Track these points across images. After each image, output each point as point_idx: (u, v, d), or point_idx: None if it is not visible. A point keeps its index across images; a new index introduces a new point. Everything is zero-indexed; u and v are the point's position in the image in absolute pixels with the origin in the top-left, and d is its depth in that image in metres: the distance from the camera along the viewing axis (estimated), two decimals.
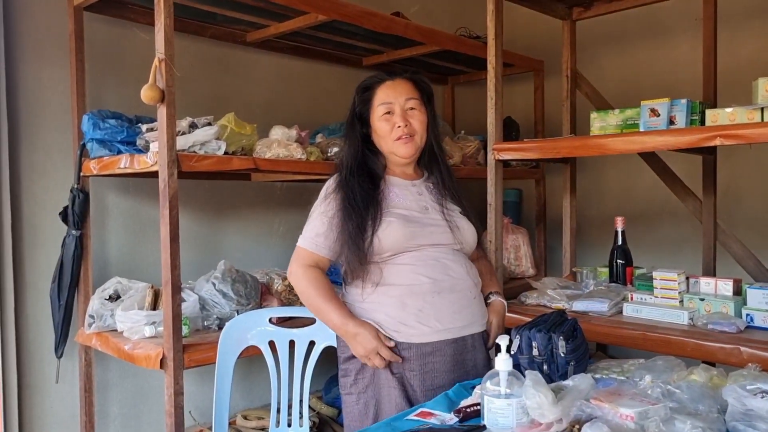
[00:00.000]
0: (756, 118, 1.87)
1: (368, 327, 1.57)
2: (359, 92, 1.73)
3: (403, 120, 1.66)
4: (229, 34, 2.82)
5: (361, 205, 1.61)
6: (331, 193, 1.66)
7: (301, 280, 1.65)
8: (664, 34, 3.44)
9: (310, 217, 1.68)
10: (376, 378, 1.60)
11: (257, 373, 2.92)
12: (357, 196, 1.62)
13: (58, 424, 2.40)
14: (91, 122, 2.17)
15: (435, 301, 1.60)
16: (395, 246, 1.60)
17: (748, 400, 1.12)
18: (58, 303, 2.29)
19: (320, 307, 1.63)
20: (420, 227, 1.63)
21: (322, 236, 1.63)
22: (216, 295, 2.26)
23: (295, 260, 1.67)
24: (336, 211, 1.63)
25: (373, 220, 1.60)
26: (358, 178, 1.65)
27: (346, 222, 1.60)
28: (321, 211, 1.66)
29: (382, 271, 1.61)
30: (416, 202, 1.68)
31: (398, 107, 1.67)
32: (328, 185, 1.70)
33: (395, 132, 1.66)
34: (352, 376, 1.64)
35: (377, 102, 1.68)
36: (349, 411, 1.65)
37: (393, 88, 1.69)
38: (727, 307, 2.00)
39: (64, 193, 2.33)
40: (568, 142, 2.29)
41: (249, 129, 2.28)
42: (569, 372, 1.40)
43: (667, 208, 3.35)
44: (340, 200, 1.64)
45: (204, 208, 2.83)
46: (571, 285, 2.48)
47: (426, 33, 2.84)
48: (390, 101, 1.67)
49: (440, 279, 1.61)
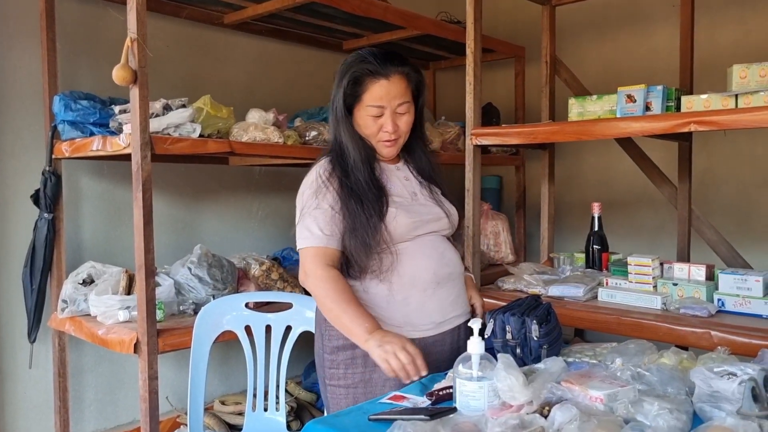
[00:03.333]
0: (730, 105, 1.88)
1: (393, 335, 1.44)
2: (350, 81, 1.56)
3: (392, 124, 1.57)
4: (206, 15, 2.78)
5: (369, 192, 1.53)
6: (326, 182, 1.55)
7: (323, 283, 1.49)
8: (644, 21, 3.45)
9: (305, 212, 1.54)
10: (371, 372, 1.54)
11: (235, 358, 2.91)
12: (362, 182, 1.54)
13: (31, 409, 2.38)
14: (63, 103, 2.13)
15: (436, 293, 1.57)
16: (401, 235, 1.54)
17: (715, 381, 1.13)
18: (30, 287, 2.26)
19: (343, 314, 1.47)
20: (417, 216, 1.58)
21: (328, 228, 1.52)
22: (192, 279, 2.24)
23: (308, 262, 1.52)
24: (338, 199, 1.53)
25: (380, 208, 1.52)
26: (360, 164, 1.56)
27: (353, 211, 1.51)
28: (318, 201, 1.53)
29: (383, 262, 1.53)
30: (404, 188, 1.63)
31: (389, 110, 1.57)
32: (319, 174, 1.57)
33: (381, 135, 1.59)
34: (341, 369, 1.57)
35: (368, 100, 1.56)
36: (336, 404, 1.58)
37: (387, 89, 1.55)
38: (699, 292, 2.03)
39: (35, 176, 2.29)
40: (546, 128, 2.29)
41: (225, 112, 2.25)
42: (542, 355, 1.41)
43: (645, 196, 3.38)
44: (340, 188, 1.54)
45: (181, 192, 2.80)
46: (548, 270, 2.50)
47: (406, 17, 2.82)
48: (382, 104, 1.56)
49: (439, 269, 1.58)
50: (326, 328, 1.60)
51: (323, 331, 1.61)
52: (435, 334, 1.58)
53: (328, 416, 1.28)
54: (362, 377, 1.55)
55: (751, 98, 1.84)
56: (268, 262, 2.49)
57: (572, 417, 1.05)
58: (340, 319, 1.49)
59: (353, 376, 1.56)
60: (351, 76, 1.56)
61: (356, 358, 1.55)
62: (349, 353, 1.55)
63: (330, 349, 1.59)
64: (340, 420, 1.23)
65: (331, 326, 1.57)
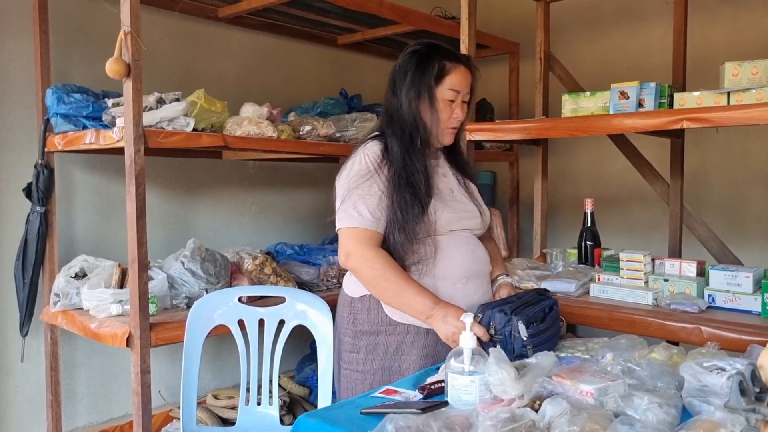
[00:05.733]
0: (722, 102, 1.89)
1: (454, 310, 1.47)
2: (438, 62, 1.59)
3: (462, 111, 1.63)
4: (200, 8, 2.77)
5: (421, 181, 1.54)
6: (377, 166, 1.54)
7: (375, 263, 1.49)
8: (638, 18, 3.46)
9: (353, 192, 1.52)
10: (391, 360, 1.56)
11: (228, 352, 2.92)
12: (419, 169, 1.54)
13: (23, 403, 2.37)
14: (56, 96, 2.12)
15: (465, 288, 1.59)
16: (437, 229, 1.55)
17: (704, 376, 1.14)
18: (22, 281, 2.25)
19: (403, 291, 1.48)
20: (454, 211, 1.61)
21: (377, 212, 1.51)
22: (185, 273, 2.23)
23: (353, 242, 1.51)
24: (388, 186, 1.53)
25: (427, 199, 1.54)
26: (423, 147, 1.58)
27: (403, 198, 1.51)
28: (370, 183, 1.52)
29: (417, 254, 1.54)
30: (443, 183, 1.65)
31: (461, 97, 1.63)
32: (369, 157, 1.56)
33: (452, 121, 1.63)
34: (361, 354, 1.58)
35: (448, 84, 1.60)
36: (351, 388, 1.59)
37: (465, 76, 1.63)
38: (690, 288, 2.04)
39: (28, 169, 2.28)
40: (540, 124, 2.30)
41: (219, 106, 2.25)
42: (527, 355, 1.41)
43: (638, 192, 3.40)
44: (392, 174, 1.53)
45: (174, 186, 2.80)
46: (541, 266, 2.51)
47: (401, 12, 2.82)
48: (459, 89, 1.62)
49: (470, 266, 1.61)
50: (352, 312, 1.60)
51: (348, 314, 1.61)
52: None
53: (321, 409, 1.29)
54: (381, 365, 1.57)
55: (743, 95, 1.85)
56: (262, 257, 2.49)
57: (563, 411, 1.06)
58: (400, 297, 1.50)
59: (372, 362, 1.58)
60: (438, 59, 1.60)
61: (378, 345, 1.57)
62: (372, 339, 1.57)
63: (354, 333, 1.60)
64: (333, 413, 1.23)
65: (358, 310, 1.59)
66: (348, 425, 1.17)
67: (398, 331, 1.57)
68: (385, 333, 1.57)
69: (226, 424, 2.50)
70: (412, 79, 1.60)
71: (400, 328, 1.57)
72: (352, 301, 1.61)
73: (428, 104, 1.59)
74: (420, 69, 1.60)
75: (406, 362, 1.56)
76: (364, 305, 1.60)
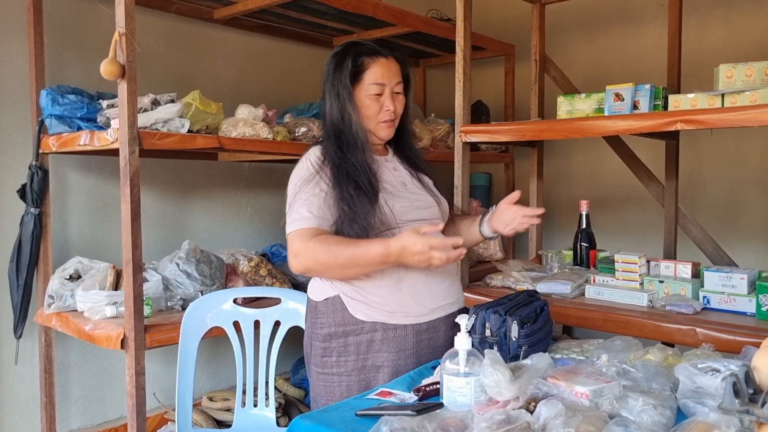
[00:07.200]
0: (716, 104, 1.90)
1: (406, 234, 1.42)
2: (352, 60, 1.59)
3: (392, 103, 1.61)
4: (195, 10, 2.76)
5: (363, 176, 1.53)
6: (318, 169, 1.55)
7: (316, 248, 1.45)
8: (633, 20, 3.47)
9: (296, 199, 1.53)
10: (364, 360, 1.55)
11: (224, 354, 2.91)
12: (358, 165, 1.54)
13: (17, 406, 2.36)
14: (50, 97, 2.11)
15: (428, 279, 1.59)
16: (392, 221, 1.55)
17: (698, 377, 1.14)
18: (16, 283, 2.24)
19: (351, 253, 1.45)
20: (407, 201, 1.60)
21: (319, 211, 1.51)
22: (180, 275, 2.23)
23: (296, 242, 1.49)
24: (331, 185, 1.52)
25: (373, 193, 1.53)
26: (360, 143, 1.57)
27: (348, 194, 1.50)
28: (311, 188, 1.52)
29: None
30: (394, 177, 1.65)
31: (389, 89, 1.61)
32: (310, 161, 1.57)
33: (383, 114, 1.61)
34: (333, 357, 1.57)
35: (370, 79, 1.59)
36: (330, 392, 1.58)
37: (388, 68, 1.61)
38: (685, 290, 2.05)
39: (22, 170, 2.27)
40: (535, 126, 2.30)
41: (214, 107, 2.24)
42: (521, 356, 1.41)
43: (633, 194, 3.41)
44: (334, 174, 1.54)
45: (170, 187, 2.79)
46: (536, 267, 2.51)
47: (396, 14, 2.82)
48: (383, 82, 1.60)
49: None
50: (317, 316, 1.60)
51: (315, 319, 1.61)
52: (428, 320, 1.59)
53: (315, 411, 1.28)
54: (355, 365, 1.56)
55: (737, 97, 1.86)
56: (257, 258, 2.48)
57: (558, 412, 1.06)
58: (355, 260, 1.46)
59: (346, 363, 1.56)
60: (353, 56, 1.59)
61: (349, 345, 1.56)
62: (341, 341, 1.56)
63: (322, 336, 1.59)
64: (327, 415, 1.23)
65: (323, 313, 1.58)
66: (343, 427, 1.17)
67: (366, 329, 1.56)
68: (353, 333, 1.56)
69: (222, 427, 2.49)
70: (332, 81, 1.61)
71: (367, 326, 1.56)
72: (317, 305, 1.61)
73: (349, 103, 1.60)
74: (337, 69, 1.60)
75: (379, 359, 1.55)
76: (328, 308, 1.59)
